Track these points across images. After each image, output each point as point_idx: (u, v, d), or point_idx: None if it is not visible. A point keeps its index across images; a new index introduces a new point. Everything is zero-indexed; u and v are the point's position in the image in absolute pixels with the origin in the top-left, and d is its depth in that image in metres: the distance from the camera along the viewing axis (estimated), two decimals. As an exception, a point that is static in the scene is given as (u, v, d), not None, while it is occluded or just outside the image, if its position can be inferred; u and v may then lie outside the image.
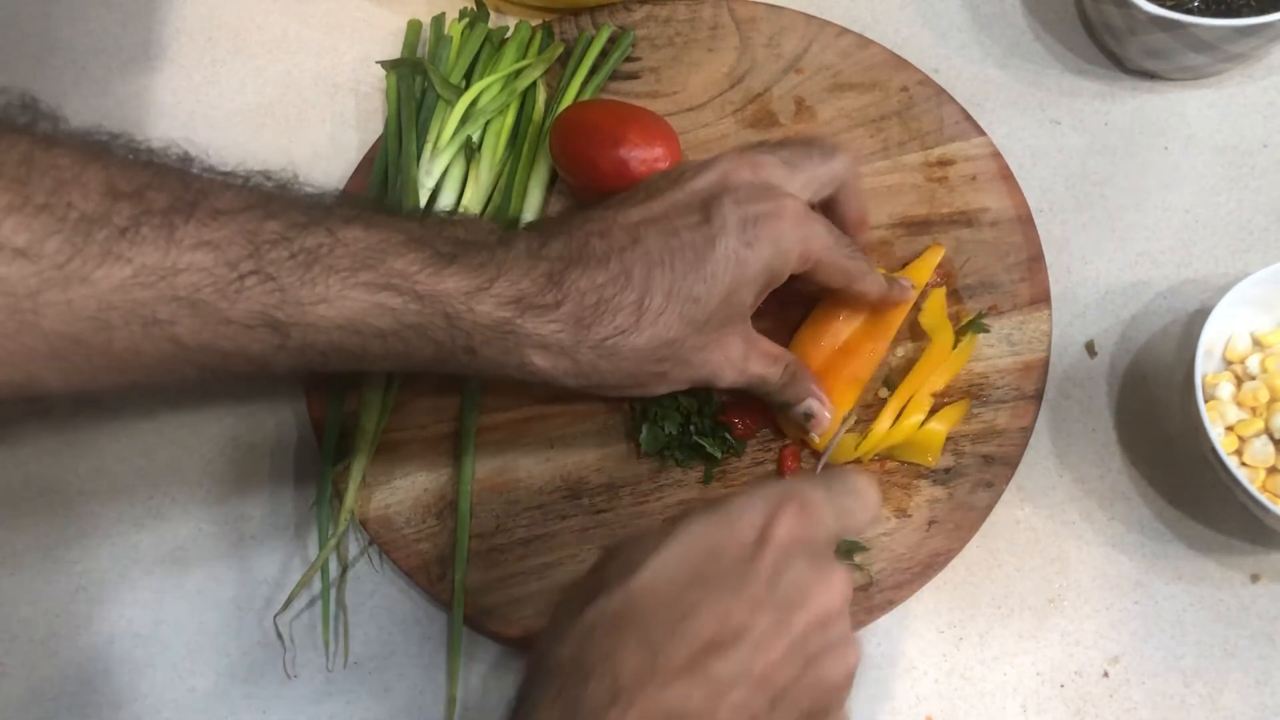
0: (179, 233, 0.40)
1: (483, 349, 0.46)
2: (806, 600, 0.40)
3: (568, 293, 0.46)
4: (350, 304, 0.43)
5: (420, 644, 0.56)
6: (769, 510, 0.41)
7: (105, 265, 0.39)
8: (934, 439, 0.56)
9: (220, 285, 0.41)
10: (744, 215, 0.48)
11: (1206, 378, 0.56)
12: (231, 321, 0.42)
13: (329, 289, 0.43)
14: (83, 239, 0.39)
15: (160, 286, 0.40)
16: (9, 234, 0.37)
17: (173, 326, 0.41)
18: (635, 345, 0.47)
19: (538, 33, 0.69)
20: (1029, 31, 0.70)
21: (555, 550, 0.56)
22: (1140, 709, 0.53)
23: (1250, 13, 0.61)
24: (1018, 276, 0.61)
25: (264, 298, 0.42)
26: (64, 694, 0.56)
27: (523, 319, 0.46)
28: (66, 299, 0.39)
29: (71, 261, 0.38)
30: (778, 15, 0.70)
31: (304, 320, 0.43)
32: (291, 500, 0.60)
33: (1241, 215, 0.63)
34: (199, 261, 0.40)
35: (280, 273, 0.42)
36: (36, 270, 0.38)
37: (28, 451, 0.62)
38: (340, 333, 0.44)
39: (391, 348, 0.45)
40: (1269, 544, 0.55)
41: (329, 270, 0.43)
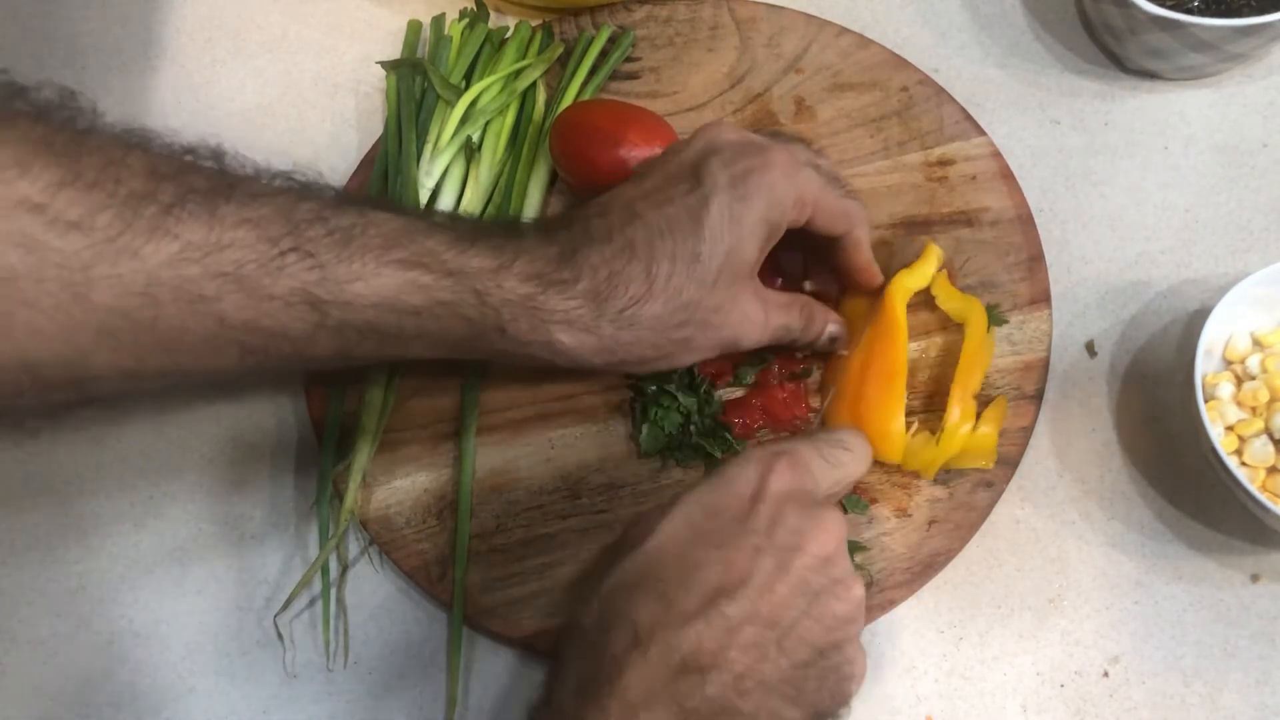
0: (221, 210, 0.42)
1: (511, 326, 0.48)
2: (804, 543, 0.43)
3: (581, 269, 0.48)
4: (385, 281, 0.45)
5: (420, 644, 0.56)
6: (762, 468, 0.45)
7: (154, 240, 0.40)
8: (987, 442, 0.55)
9: (263, 261, 0.42)
10: (733, 173, 0.50)
11: (1206, 378, 0.56)
12: (274, 298, 0.43)
13: (364, 266, 0.44)
14: (132, 214, 0.39)
15: (206, 262, 0.41)
16: (63, 207, 0.38)
17: (218, 303, 0.42)
18: (653, 313, 0.49)
19: (538, 33, 0.69)
20: (1029, 31, 0.70)
21: (555, 550, 0.56)
22: (1140, 709, 0.53)
23: (1250, 12, 0.61)
24: (1018, 276, 0.61)
25: (304, 274, 0.43)
26: (64, 694, 0.56)
27: (545, 295, 0.48)
28: (117, 273, 0.39)
29: (122, 236, 0.39)
30: (778, 15, 0.70)
31: (341, 298, 0.44)
32: (291, 500, 0.60)
33: (1241, 215, 0.63)
34: (242, 238, 0.42)
35: (318, 249, 0.43)
36: (89, 244, 0.39)
37: (28, 451, 0.62)
38: (375, 311, 0.45)
39: (425, 326, 0.46)
40: (1269, 544, 0.55)
41: (364, 248, 0.44)
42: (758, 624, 0.41)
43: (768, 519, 0.43)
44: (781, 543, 0.43)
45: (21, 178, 0.38)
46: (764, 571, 0.42)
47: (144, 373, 0.43)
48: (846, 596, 0.43)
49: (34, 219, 0.38)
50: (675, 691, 0.39)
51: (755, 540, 0.43)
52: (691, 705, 0.39)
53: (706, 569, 0.42)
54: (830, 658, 0.43)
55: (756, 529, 0.43)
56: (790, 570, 0.42)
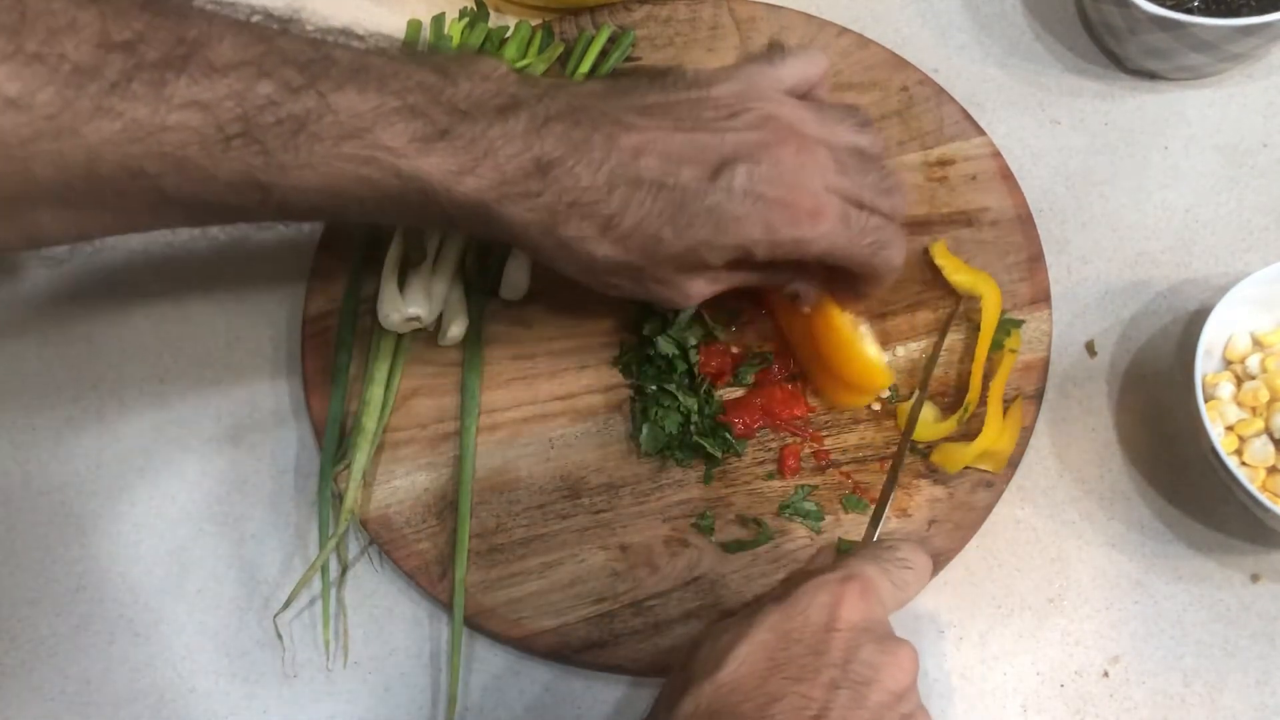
0: (169, 89, 0.40)
1: (460, 220, 0.46)
2: (879, 677, 0.43)
3: (549, 185, 0.45)
4: (331, 171, 0.43)
5: (420, 644, 0.56)
6: (834, 595, 0.45)
7: (95, 120, 0.39)
8: (1006, 447, 0.56)
9: (206, 145, 0.41)
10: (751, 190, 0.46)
11: (1206, 377, 0.56)
12: (216, 179, 0.42)
13: (312, 155, 0.43)
14: (74, 92, 0.39)
15: (148, 142, 0.40)
16: (1, 82, 0.38)
17: (159, 179, 0.41)
18: (593, 254, 0.47)
19: (538, 32, 0.69)
20: (1029, 31, 0.70)
21: (555, 550, 0.56)
22: (1140, 709, 0.53)
23: (1250, 12, 0.61)
24: (1018, 276, 0.61)
25: (249, 159, 0.42)
26: (64, 694, 0.56)
27: (500, 204, 0.45)
28: (57, 148, 0.39)
29: (62, 114, 0.38)
30: (778, 15, 0.69)
31: (285, 183, 0.43)
32: (291, 500, 0.60)
33: (1241, 215, 0.63)
34: (187, 120, 0.40)
35: (266, 137, 0.42)
36: (28, 120, 0.38)
37: (28, 452, 0.62)
38: (320, 196, 0.44)
39: (369, 213, 0.46)
40: (1269, 544, 0.55)
41: (314, 138, 0.43)
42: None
43: (843, 651, 0.43)
44: (857, 676, 0.43)
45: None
46: (840, 705, 0.42)
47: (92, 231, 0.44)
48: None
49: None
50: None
51: (832, 674, 0.42)
52: None
53: (785, 702, 0.42)
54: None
55: (833, 661, 0.43)
56: (866, 705, 0.42)
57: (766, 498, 0.57)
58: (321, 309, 0.62)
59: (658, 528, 0.56)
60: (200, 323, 0.64)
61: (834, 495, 0.56)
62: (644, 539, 0.56)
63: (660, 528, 0.56)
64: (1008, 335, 0.58)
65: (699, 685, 0.43)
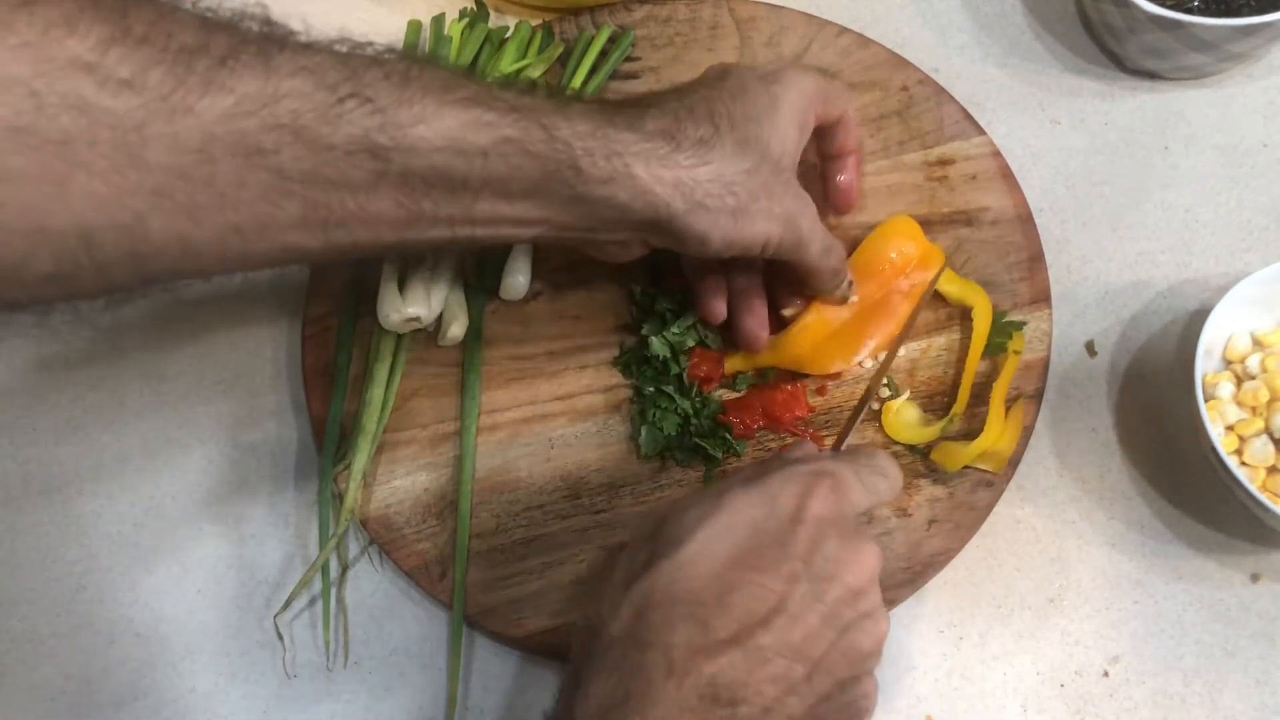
0: (276, 60, 0.40)
1: (585, 160, 0.45)
2: (839, 573, 0.43)
3: (645, 113, 0.48)
4: (448, 121, 0.43)
5: (420, 644, 0.56)
6: (804, 487, 0.44)
7: (208, 95, 0.38)
8: (1007, 448, 0.56)
9: (321, 110, 0.40)
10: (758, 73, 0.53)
11: (1206, 377, 0.56)
12: (333, 148, 0.41)
13: (425, 108, 0.42)
14: (184, 69, 0.38)
15: (263, 114, 0.39)
16: (113, 65, 0.37)
17: (276, 156, 0.40)
18: (724, 151, 0.48)
19: (538, 32, 0.69)
20: (1029, 31, 0.70)
21: (555, 550, 0.56)
22: (1140, 708, 0.53)
23: (1250, 12, 0.61)
24: (1018, 276, 0.61)
25: (364, 120, 0.41)
26: (64, 694, 0.56)
27: (613, 127, 0.46)
28: (172, 130, 0.38)
29: (175, 92, 0.38)
30: (778, 15, 0.69)
31: (404, 143, 0.42)
32: (291, 500, 0.60)
33: (1241, 215, 0.63)
34: (298, 87, 0.40)
35: (378, 94, 0.41)
36: (142, 102, 0.37)
37: (28, 451, 0.62)
38: (440, 155, 0.43)
39: (493, 169, 0.44)
40: (1269, 543, 0.55)
41: (424, 89, 0.42)
42: (788, 656, 0.41)
43: (807, 543, 0.43)
44: (818, 570, 0.42)
45: (70, 36, 0.36)
46: (799, 599, 0.42)
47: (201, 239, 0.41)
48: (873, 631, 0.43)
49: (85, 79, 0.36)
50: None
51: (793, 566, 0.42)
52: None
53: (743, 591, 0.41)
54: (849, 691, 0.43)
55: (795, 553, 0.42)
56: (824, 600, 0.42)
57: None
58: (321, 309, 0.62)
59: (658, 528, 0.56)
60: (200, 323, 0.64)
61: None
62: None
63: (660, 528, 0.56)
64: (1009, 337, 0.58)
65: (658, 564, 0.42)
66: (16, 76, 0.35)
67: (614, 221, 0.48)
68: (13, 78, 0.35)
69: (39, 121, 0.35)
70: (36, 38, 0.35)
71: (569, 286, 0.62)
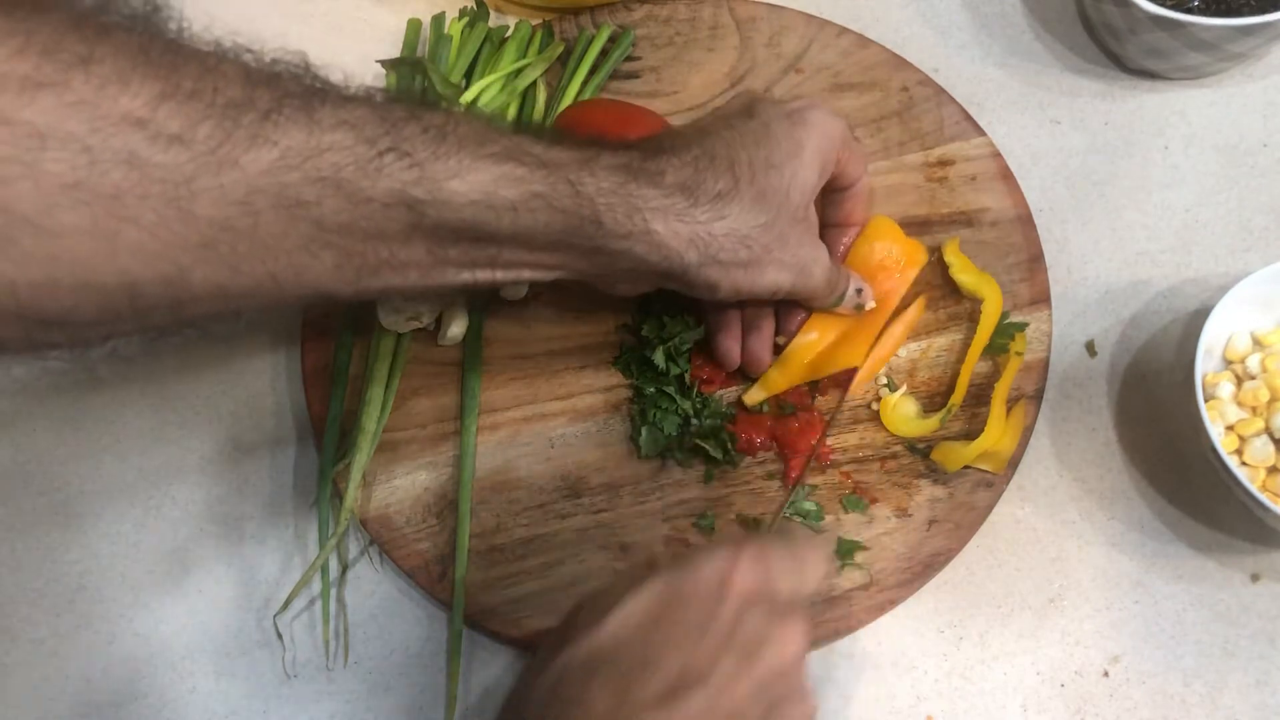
0: (318, 114, 0.41)
1: (607, 216, 0.47)
2: (766, 648, 0.41)
3: (666, 166, 0.48)
4: (480, 176, 0.44)
5: (420, 644, 0.56)
6: (727, 562, 0.43)
7: (253, 149, 0.39)
8: (1006, 448, 0.56)
9: (361, 163, 0.41)
10: (784, 110, 0.52)
11: (1207, 377, 0.56)
12: (372, 200, 0.42)
13: (460, 163, 0.43)
14: (232, 123, 0.39)
15: (305, 168, 0.40)
16: (164, 120, 0.37)
17: (317, 208, 0.41)
18: (741, 206, 0.49)
19: (538, 32, 0.69)
20: (1029, 31, 0.70)
21: (555, 550, 0.56)
22: (1140, 708, 0.53)
23: (1250, 12, 0.61)
24: (1018, 276, 0.61)
25: (402, 174, 0.42)
26: (64, 694, 0.56)
27: (636, 184, 0.47)
28: (219, 184, 0.38)
29: (223, 146, 0.38)
30: (778, 15, 0.69)
31: (439, 197, 0.43)
32: (291, 500, 0.60)
33: (1241, 215, 0.63)
34: (340, 140, 0.41)
35: (415, 148, 0.42)
36: (191, 156, 0.38)
37: (28, 452, 0.62)
38: (472, 209, 0.44)
39: (520, 222, 0.45)
40: (1269, 543, 0.55)
41: (459, 144, 0.43)
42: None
43: (732, 615, 0.41)
44: (744, 643, 0.41)
45: (123, 93, 0.37)
46: (724, 671, 0.40)
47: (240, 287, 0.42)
48: (803, 704, 0.42)
49: (137, 134, 0.37)
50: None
51: (717, 637, 0.41)
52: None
53: (665, 660, 0.40)
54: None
55: (720, 625, 0.41)
56: (751, 672, 0.41)
57: (766, 497, 0.57)
58: (322, 309, 0.62)
59: (658, 527, 0.56)
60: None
61: (834, 495, 0.56)
62: (644, 539, 0.56)
63: (660, 527, 0.56)
64: (1012, 339, 0.58)
65: (578, 639, 0.41)
66: (72, 134, 0.35)
67: (630, 271, 0.49)
68: (69, 135, 0.35)
69: (92, 177, 0.36)
70: (92, 95, 0.36)
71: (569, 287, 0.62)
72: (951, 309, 0.60)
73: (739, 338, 0.58)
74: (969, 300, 0.60)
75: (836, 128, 0.53)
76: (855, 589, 0.54)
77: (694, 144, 0.50)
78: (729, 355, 0.57)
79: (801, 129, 0.51)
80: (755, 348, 0.57)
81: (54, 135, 0.35)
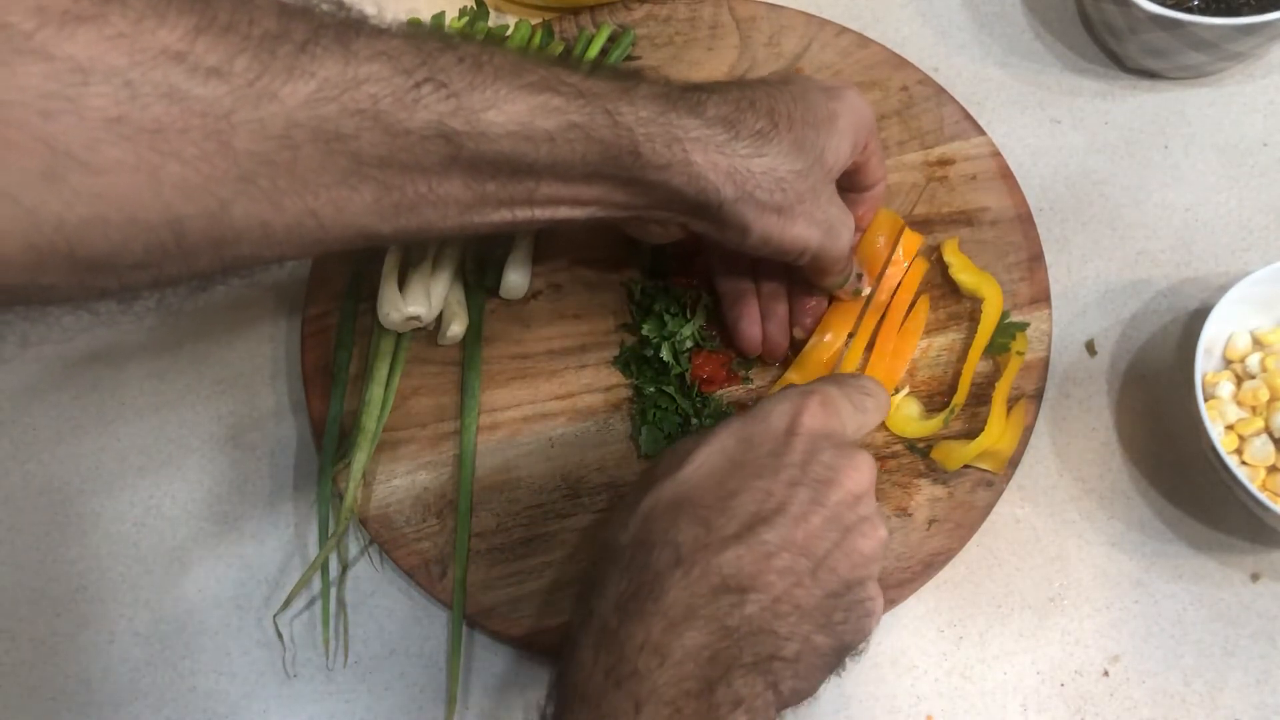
0: (354, 45, 0.40)
1: (645, 145, 0.46)
2: (837, 479, 0.44)
3: (706, 99, 0.48)
4: (518, 106, 0.43)
5: (420, 644, 0.56)
6: (796, 405, 0.46)
7: (292, 81, 0.39)
8: (1007, 448, 0.56)
9: (398, 94, 0.41)
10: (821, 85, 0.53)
11: (1206, 376, 0.56)
12: (410, 133, 0.42)
13: (497, 93, 0.43)
14: (269, 55, 0.38)
15: (343, 99, 0.40)
16: (202, 53, 0.37)
17: (355, 141, 0.41)
18: (780, 147, 0.49)
19: (538, 31, 0.69)
20: (1029, 30, 0.70)
21: (555, 549, 0.56)
22: (1141, 708, 0.53)
23: (1250, 11, 0.61)
24: (1018, 276, 0.61)
25: (439, 105, 0.42)
26: (64, 694, 0.56)
27: (677, 113, 0.47)
28: (258, 117, 0.38)
29: (261, 78, 0.38)
30: (778, 14, 0.69)
31: (476, 128, 0.43)
32: (291, 500, 0.60)
33: (1241, 214, 0.63)
34: (377, 72, 0.40)
35: (452, 79, 0.42)
36: (230, 89, 0.38)
37: (28, 451, 0.62)
38: (510, 140, 0.44)
39: (558, 153, 0.45)
40: (1269, 543, 0.55)
41: (495, 74, 0.43)
42: (793, 551, 0.42)
43: (803, 453, 0.44)
44: (817, 476, 0.44)
45: (160, 26, 0.36)
46: (800, 502, 0.43)
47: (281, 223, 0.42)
48: (873, 535, 0.45)
49: (176, 67, 0.37)
50: (716, 609, 0.41)
51: (792, 473, 0.44)
52: (731, 623, 0.41)
53: (745, 496, 0.43)
54: (855, 592, 0.44)
55: (792, 462, 0.44)
56: (824, 504, 0.43)
57: None
58: (321, 308, 0.62)
59: (658, 527, 0.56)
60: (199, 321, 0.64)
61: None
62: (644, 538, 0.56)
63: (660, 527, 0.56)
64: (1013, 338, 0.58)
65: (660, 484, 0.44)
66: (114, 67, 0.35)
67: (665, 203, 0.49)
68: (110, 68, 0.35)
69: (134, 111, 0.36)
70: (130, 28, 0.35)
71: (569, 286, 0.62)
72: (952, 309, 0.60)
73: (758, 320, 0.58)
74: (969, 300, 0.60)
75: (868, 111, 0.53)
76: (855, 588, 0.54)
77: (733, 89, 0.50)
78: (750, 338, 0.57)
79: (837, 102, 0.52)
80: (773, 332, 0.58)
81: (96, 69, 0.35)
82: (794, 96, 0.50)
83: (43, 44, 0.34)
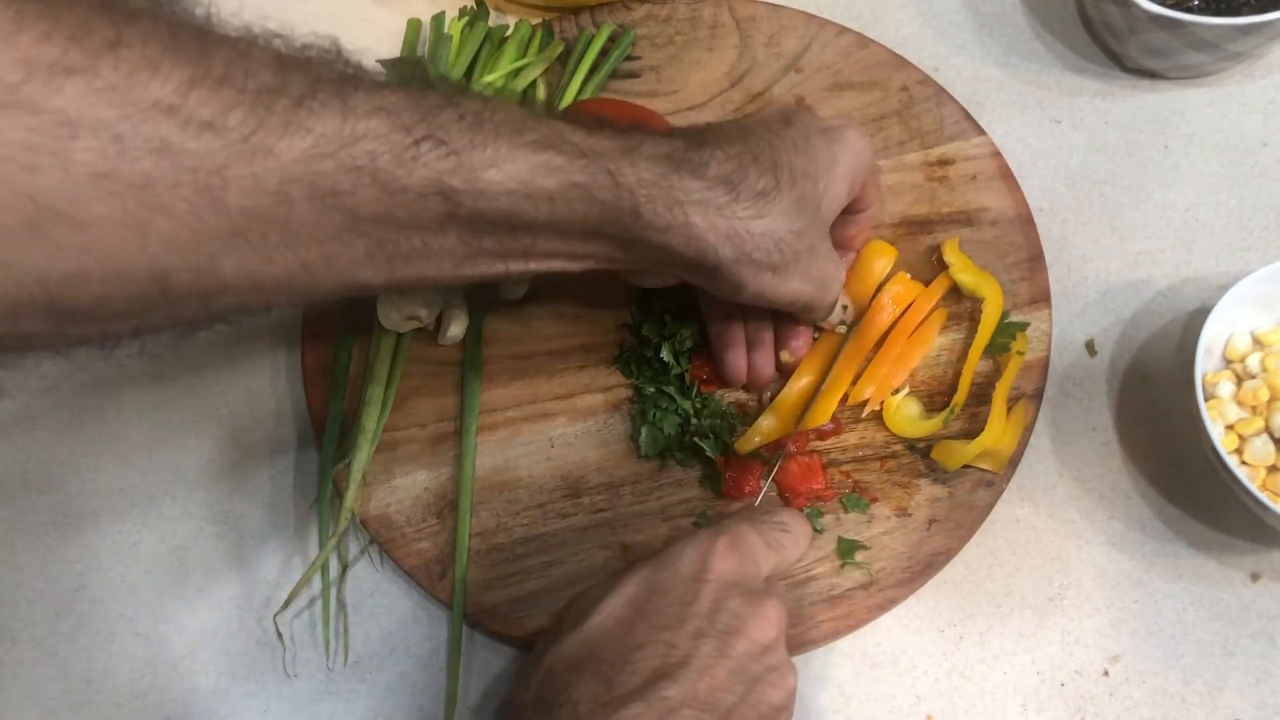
0: (353, 99, 0.40)
1: (646, 208, 0.46)
2: (743, 629, 0.44)
3: (710, 158, 0.47)
4: (518, 165, 0.43)
5: (420, 644, 0.56)
6: (704, 549, 0.45)
7: (287, 136, 0.38)
8: (1007, 448, 0.56)
9: (397, 152, 0.40)
10: (820, 125, 0.53)
11: (1207, 376, 0.56)
12: (407, 190, 0.41)
13: (498, 151, 0.42)
14: (264, 109, 0.37)
15: (340, 156, 0.39)
16: (195, 106, 0.36)
17: (351, 197, 0.40)
18: (782, 208, 0.49)
19: (538, 31, 0.69)
20: (1029, 30, 0.70)
21: (555, 549, 0.56)
22: (1140, 708, 0.53)
23: (1250, 11, 0.61)
24: (1018, 276, 0.61)
25: (438, 163, 0.41)
26: (64, 694, 0.56)
27: (678, 175, 0.46)
28: (252, 172, 0.37)
29: (256, 133, 0.37)
30: (778, 14, 0.69)
31: (476, 186, 0.42)
32: (291, 500, 0.60)
33: (1241, 214, 0.63)
34: (375, 128, 0.40)
35: (451, 136, 0.41)
36: (223, 144, 0.37)
37: (28, 451, 0.62)
38: (509, 199, 0.43)
39: (557, 212, 0.44)
40: (1269, 543, 0.55)
41: (496, 132, 0.42)
42: (695, 706, 0.41)
43: (710, 602, 0.44)
44: (723, 627, 0.43)
45: (153, 79, 0.35)
46: (704, 654, 0.42)
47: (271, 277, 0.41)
48: (781, 684, 0.44)
49: (168, 121, 0.36)
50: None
51: (697, 623, 0.43)
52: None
53: (648, 649, 0.42)
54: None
55: (699, 612, 0.44)
56: (730, 655, 0.43)
57: (766, 497, 0.57)
58: (321, 309, 0.62)
59: (658, 527, 0.56)
60: (200, 322, 0.64)
61: (834, 494, 0.56)
62: (644, 538, 0.56)
63: (660, 527, 0.56)
64: (1013, 338, 0.58)
65: (564, 638, 0.44)
66: (102, 121, 0.34)
67: (663, 261, 0.49)
68: (99, 122, 0.34)
69: (122, 166, 0.35)
70: (121, 81, 0.35)
71: (569, 286, 0.62)
72: (952, 309, 0.60)
73: (744, 353, 0.58)
74: (969, 300, 0.60)
75: (867, 150, 0.53)
76: (855, 588, 0.54)
77: (737, 140, 0.49)
78: (736, 370, 0.57)
79: (837, 145, 0.51)
80: (759, 364, 0.58)
81: (84, 123, 0.34)
82: (795, 145, 0.50)
83: (29, 96, 0.33)
